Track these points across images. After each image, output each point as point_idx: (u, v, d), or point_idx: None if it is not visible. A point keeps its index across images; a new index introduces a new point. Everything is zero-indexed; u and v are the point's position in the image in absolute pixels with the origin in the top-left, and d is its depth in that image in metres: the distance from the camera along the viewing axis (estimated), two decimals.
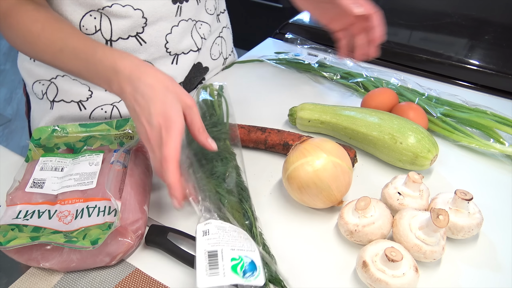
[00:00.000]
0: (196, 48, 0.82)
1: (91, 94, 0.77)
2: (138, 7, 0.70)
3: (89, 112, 0.78)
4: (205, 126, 0.61)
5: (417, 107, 0.74)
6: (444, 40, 1.03)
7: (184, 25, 0.78)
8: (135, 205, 0.56)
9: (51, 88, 0.77)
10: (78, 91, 0.76)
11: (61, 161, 0.61)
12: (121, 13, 0.69)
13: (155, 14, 0.73)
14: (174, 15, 0.75)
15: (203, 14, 0.82)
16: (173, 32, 0.76)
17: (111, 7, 0.68)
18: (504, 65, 0.91)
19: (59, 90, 0.77)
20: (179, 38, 0.78)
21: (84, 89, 0.76)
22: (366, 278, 0.50)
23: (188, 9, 0.78)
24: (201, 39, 0.83)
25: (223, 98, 0.75)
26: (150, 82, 0.51)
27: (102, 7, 0.68)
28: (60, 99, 0.77)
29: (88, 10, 0.68)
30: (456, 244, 0.57)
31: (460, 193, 0.54)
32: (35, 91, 0.79)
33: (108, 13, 0.69)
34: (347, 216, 0.56)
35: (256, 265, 0.44)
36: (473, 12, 1.17)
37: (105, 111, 0.78)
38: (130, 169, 0.60)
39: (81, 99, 0.77)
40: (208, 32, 0.85)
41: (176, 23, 0.76)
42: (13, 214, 0.54)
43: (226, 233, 0.46)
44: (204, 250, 0.44)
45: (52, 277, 0.53)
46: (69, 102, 0.77)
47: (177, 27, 0.77)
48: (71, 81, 0.76)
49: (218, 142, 0.64)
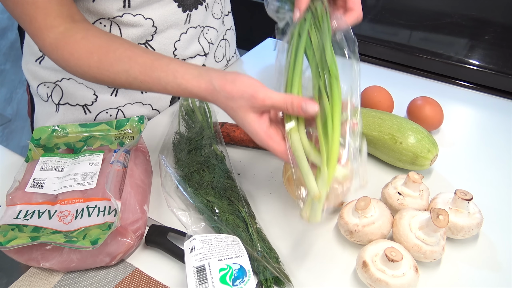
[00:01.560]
0: (204, 53, 0.83)
1: (96, 98, 0.76)
2: (149, 17, 0.70)
3: (94, 115, 0.78)
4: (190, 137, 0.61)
5: (433, 101, 0.74)
6: (444, 40, 1.03)
7: (192, 32, 0.78)
8: (135, 205, 0.56)
9: (56, 90, 0.77)
10: (83, 95, 0.76)
11: (61, 161, 0.61)
12: (132, 22, 0.70)
13: (165, 23, 0.73)
14: (183, 22, 0.76)
15: (210, 20, 0.83)
16: (181, 39, 0.77)
17: (122, 17, 0.68)
18: (504, 65, 0.92)
19: (64, 93, 0.77)
20: (187, 44, 0.79)
21: (90, 92, 0.76)
22: (366, 278, 0.50)
23: (197, 16, 0.78)
24: (208, 44, 0.83)
25: (204, 102, 0.76)
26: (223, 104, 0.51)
27: (113, 17, 0.68)
28: (65, 102, 0.77)
29: (98, 18, 0.68)
30: (456, 244, 0.57)
31: (460, 193, 0.54)
32: (40, 93, 0.79)
33: (118, 22, 0.69)
34: (347, 216, 0.56)
35: (245, 269, 0.44)
36: (473, 12, 1.17)
37: (110, 114, 0.78)
38: (130, 169, 0.60)
39: (86, 102, 0.77)
40: (215, 37, 0.85)
41: (185, 30, 0.77)
42: (13, 214, 0.54)
43: (211, 245, 0.47)
44: (192, 266, 0.44)
45: (52, 277, 0.52)
46: (74, 105, 0.77)
47: (185, 34, 0.77)
48: (76, 84, 0.76)
49: (202, 151, 0.65)
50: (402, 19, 1.13)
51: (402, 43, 1.01)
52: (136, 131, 0.66)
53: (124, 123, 0.67)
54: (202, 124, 0.71)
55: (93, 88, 0.76)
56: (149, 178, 0.64)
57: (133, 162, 0.62)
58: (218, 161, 0.65)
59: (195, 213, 0.60)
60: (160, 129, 0.76)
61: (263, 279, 0.50)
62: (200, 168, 0.63)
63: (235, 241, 0.48)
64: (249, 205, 0.61)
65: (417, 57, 0.95)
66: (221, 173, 0.63)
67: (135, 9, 0.69)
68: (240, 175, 0.68)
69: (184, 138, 0.70)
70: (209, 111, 0.76)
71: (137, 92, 0.79)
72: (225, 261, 0.45)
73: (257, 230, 0.56)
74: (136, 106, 0.80)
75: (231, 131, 0.72)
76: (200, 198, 0.60)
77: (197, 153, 0.66)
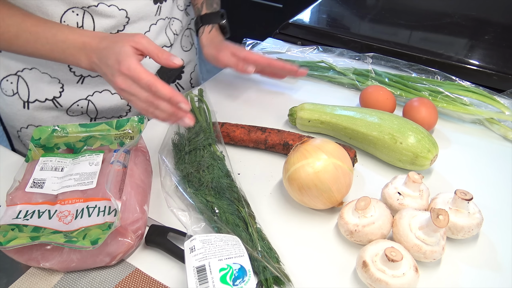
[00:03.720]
0: (170, 43, 0.86)
1: (63, 87, 0.77)
2: (122, 7, 0.72)
3: (65, 109, 0.79)
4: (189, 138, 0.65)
5: (428, 102, 0.74)
6: (444, 40, 1.03)
7: (161, 23, 0.81)
8: (135, 205, 0.56)
9: (21, 86, 0.77)
10: (49, 88, 0.77)
11: (61, 161, 0.61)
12: (106, 13, 0.71)
13: (137, 14, 0.75)
14: (154, 14, 0.78)
15: (175, 11, 0.86)
16: (151, 30, 0.79)
17: (97, 6, 0.69)
18: (504, 65, 0.91)
19: (30, 88, 0.77)
20: (155, 35, 0.81)
21: (54, 83, 0.77)
22: (366, 278, 0.50)
23: (166, 8, 0.81)
24: (174, 35, 0.86)
25: (204, 102, 0.77)
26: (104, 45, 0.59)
27: (87, 6, 0.69)
28: (35, 99, 0.78)
29: (71, 7, 0.69)
30: (456, 244, 0.57)
31: (460, 193, 0.54)
32: (4, 88, 0.78)
33: (92, 11, 0.70)
34: (347, 216, 0.56)
35: (245, 269, 0.44)
36: (473, 12, 1.17)
37: (81, 106, 0.80)
38: (130, 169, 0.60)
39: (54, 95, 0.77)
40: (180, 28, 0.88)
41: (155, 22, 0.79)
42: (13, 214, 0.54)
43: (211, 245, 0.47)
44: (192, 266, 0.44)
45: (52, 277, 0.53)
46: (43, 101, 0.78)
47: (155, 25, 0.79)
48: (40, 75, 0.76)
49: (202, 151, 0.65)
50: (402, 19, 1.12)
51: (402, 43, 1.01)
52: (136, 131, 0.66)
53: (124, 123, 0.67)
54: (202, 124, 0.71)
55: (57, 77, 0.76)
56: (149, 178, 0.64)
57: (133, 162, 0.62)
58: (218, 161, 0.65)
59: (195, 213, 0.60)
60: (160, 129, 0.76)
61: (263, 279, 0.50)
62: (200, 168, 0.64)
63: (235, 241, 0.48)
64: (249, 205, 0.61)
65: (417, 57, 0.95)
66: (221, 173, 0.63)
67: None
68: (240, 175, 0.68)
69: (184, 138, 0.70)
70: (208, 111, 0.76)
71: (103, 78, 0.78)
72: (225, 261, 0.45)
73: (257, 230, 0.56)
74: (105, 94, 0.80)
75: (231, 131, 0.72)
76: (200, 198, 0.60)
77: (197, 153, 0.66)
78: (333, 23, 1.16)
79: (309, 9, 1.21)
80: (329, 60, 0.95)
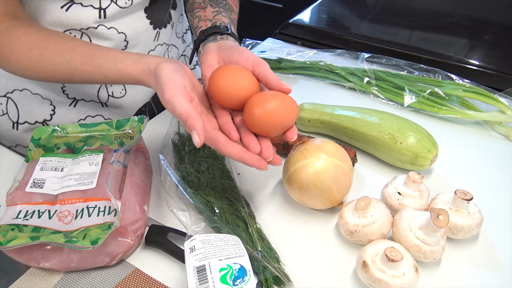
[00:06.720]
0: None
1: (54, 109, 0.75)
2: (122, 31, 0.71)
3: None
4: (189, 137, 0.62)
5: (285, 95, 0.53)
6: (444, 40, 1.03)
7: (159, 49, 0.80)
8: (135, 205, 0.56)
9: (11, 107, 0.74)
10: (40, 110, 0.75)
11: (61, 161, 0.61)
12: (105, 35, 0.69)
13: (136, 38, 0.74)
14: (152, 39, 0.77)
15: (173, 38, 0.85)
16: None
17: (96, 28, 0.68)
18: (504, 65, 0.92)
19: (20, 110, 0.74)
20: None
21: (46, 104, 0.74)
22: (366, 278, 0.50)
23: (165, 34, 0.80)
24: None
25: None
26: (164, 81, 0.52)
27: (86, 27, 0.67)
28: (24, 121, 0.76)
29: (69, 28, 0.66)
30: (456, 244, 0.57)
31: (460, 193, 0.54)
32: None
33: (91, 33, 0.68)
34: (347, 216, 0.56)
35: (245, 269, 0.45)
36: (473, 12, 1.17)
37: None
38: (130, 169, 0.60)
39: (45, 118, 0.76)
40: (176, 55, 0.88)
41: (153, 47, 0.78)
42: (13, 214, 0.54)
43: (212, 245, 0.47)
44: (192, 266, 0.44)
45: (52, 277, 0.53)
46: (33, 123, 0.76)
47: (153, 51, 0.79)
48: (31, 96, 0.73)
49: (202, 151, 0.65)
50: (402, 19, 1.13)
51: (402, 43, 1.01)
52: (136, 131, 0.66)
53: (124, 123, 0.67)
54: None
55: (49, 99, 0.74)
56: (149, 178, 0.64)
57: (133, 162, 0.62)
58: (218, 161, 0.65)
59: (195, 213, 0.60)
60: (160, 129, 0.76)
61: (263, 279, 0.50)
62: (200, 168, 0.64)
63: (235, 241, 0.48)
64: (249, 205, 0.61)
65: (417, 57, 0.95)
66: (221, 173, 0.63)
67: (110, 21, 0.68)
68: (240, 175, 0.68)
69: (184, 138, 0.70)
70: None
71: (96, 104, 0.77)
72: (225, 261, 0.45)
73: (257, 230, 0.56)
74: (98, 120, 0.78)
75: None
76: (200, 198, 0.60)
77: (196, 153, 0.66)
78: (333, 23, 1.16)
79: (309, 9, 1.21)
80: (329, 60, 0.95)
